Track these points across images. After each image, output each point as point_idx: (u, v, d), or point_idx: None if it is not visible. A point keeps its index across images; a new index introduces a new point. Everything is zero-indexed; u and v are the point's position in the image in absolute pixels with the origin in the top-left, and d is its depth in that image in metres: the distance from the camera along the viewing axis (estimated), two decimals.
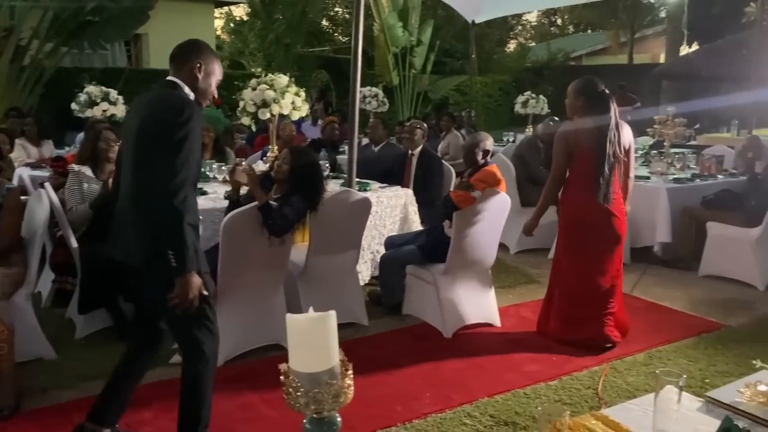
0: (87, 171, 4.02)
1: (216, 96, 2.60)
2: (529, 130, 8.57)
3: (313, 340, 0.97)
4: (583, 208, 3.81)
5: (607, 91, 3.77)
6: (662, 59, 19.65)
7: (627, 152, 3.80)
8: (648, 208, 5.62)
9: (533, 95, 9.90)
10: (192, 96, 2.48)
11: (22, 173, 5.67)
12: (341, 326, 3.62)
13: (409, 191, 4.93)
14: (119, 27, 9.87)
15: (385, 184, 5.03)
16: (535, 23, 29.88)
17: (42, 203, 3.61)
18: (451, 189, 4.71)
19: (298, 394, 0.97)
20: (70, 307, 3.98)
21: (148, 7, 10.05)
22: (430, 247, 4.13)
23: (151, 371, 3.41)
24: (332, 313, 0.99)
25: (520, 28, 28.94)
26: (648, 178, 6.01)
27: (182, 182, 2.29)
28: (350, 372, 1.02)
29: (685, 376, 1.54)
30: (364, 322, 4.13)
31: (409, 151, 5.52)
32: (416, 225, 4.85)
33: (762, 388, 1.74)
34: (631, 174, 3.94)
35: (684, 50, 14.92)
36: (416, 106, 13.01)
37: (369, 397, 3.18)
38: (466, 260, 4.02)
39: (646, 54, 23.25)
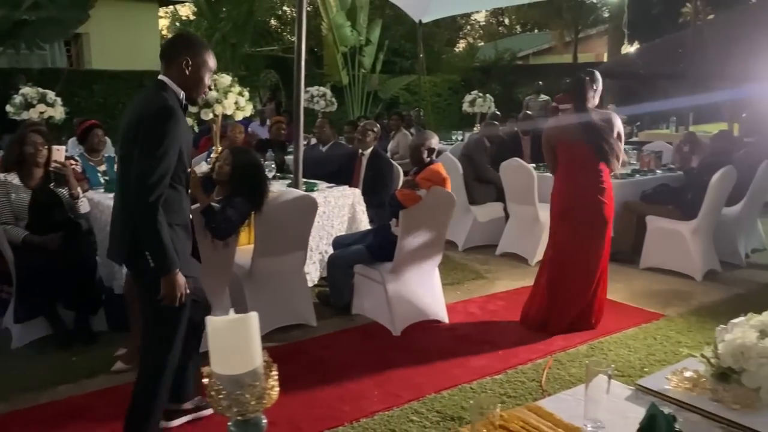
0: (14, 179, 3.81)
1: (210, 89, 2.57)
2: (477, 129, 8.68)
3: (233, 343, 0.97)
4: (571, 196, 4.01)
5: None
6: (606, 58, 20.19)
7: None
8: None
9: (480, 94, 10.04)
10: (182, 94, 2.49)
11: None
12: (290, 327, 3.61)
13: (357, 191, 4.93)
14: (58, 26, 9.53)
15: (332, 184, 5.02)
16: (484, 23, 30.29)
17: None
18: (398, 188, 4.73)
19: (220, 396, 0.96)
20: (6, 317, 3.84)
21: (88, 6, 9.76)
22: (378, 246, 4.15)
23: (91, 380, 3.35)
24: (253, 315, 0.99)
25: (469, 27, 29.30)
26: None
27: (156, 182, 2.30)
28: (274, 373, 1.02)
29: (613, 365, 1.59)
30: (312, 323, 4.11)
31: (360, 151, 5.53)
32: (364, 225, 4.85)
33: (688, 374, 1.81)
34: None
35: (625, 49, 15.38)
36: (366, 106, 13.03)
37: (317, 398, 3.17)
38: (413, 258, 4.05)
39: (591, 53, 23.84)
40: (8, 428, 2.89)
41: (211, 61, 2.57)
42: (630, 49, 14.93)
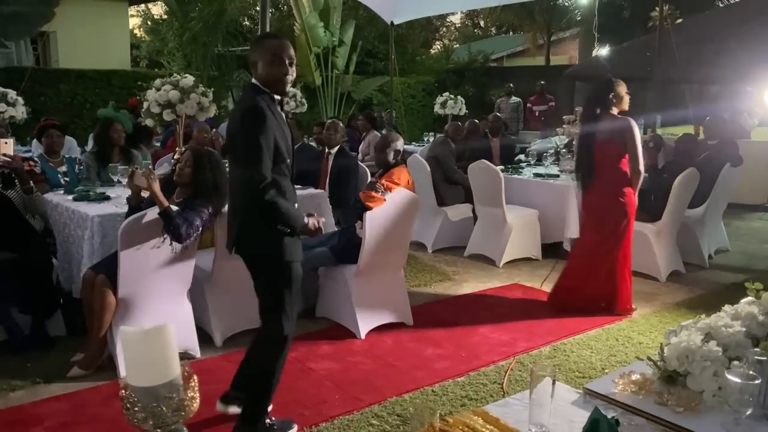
0: None
1: (293, 77, 2.70)
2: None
3: (149, 354, 0.94)
4: (597, 193, 4.43)
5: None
6: (578, 61, 20.41)
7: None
8: (558, 205, 5.82)
9: (451, 96, 10.06)
10: (267, 90, 2.66)
11: None
12: (252, 331, 3.52)
13: (324, 192, 4.90)
14: (22, 24, 9.36)
15: (299, 186, 4.97)
16: (459, 25, 30.43)
17: None
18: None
19: (136, 409, 0.93)
20: None
21: (55, 4, 9.58)
22: (342, 248, 4.12)
23: (46, 386, 3.28)
24: (169, 327, 0.96)
25: (444, 29, 29.39)
26: (557, 176, 6.21)
27: (262, 180, 2.53)
28: (194, 384, 0.99)
29: (557, 371, 1.59)
30: None
31: (326, 150, 5.49)
32: (331, 226, 4.82)
33: (635, 377, 1.82)
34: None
35: (596, 52, 15.54)
36: (340, 107, 12.98)
37: (277, 403, 3.12)
38: (378, 260, 4.03)
39: (564, 56, 24.10)
40: None
41: (277, 51, 2.64)
42: (600, 52, 15.11)
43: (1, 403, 3.10)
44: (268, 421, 2.81)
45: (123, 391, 0.95)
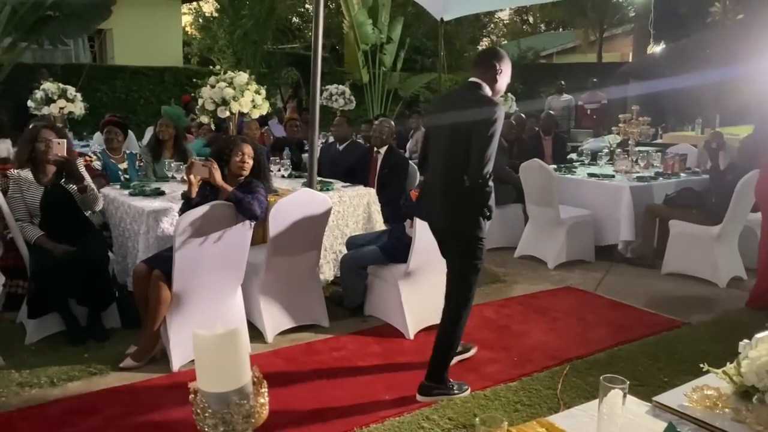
0: (27, 175, 3.81)
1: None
2: None
3: (221, 358, 0.91)
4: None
5: None
6: (631, 58, 19.88)
7: None
8: (612, 207, 5.67)
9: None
10: (490, 93, 3.05)
11: None
12: (302, 328, 3.57)
13: (372, 190, 4.88)
14: (81, 22, 9.57)
15: (348, 184, 4.97)
16: (508, 21, 30.03)
17: None
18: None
19: (206, 414, 0.91)
20: (21, 312, 3.85)
21: (111, 2, 9.81)
22: (392, 247, 4.09)
23: (102, 377, 3.34)
24: (242, 329, 0.94)
25: (492, 26, 29.06)
26: (613, 176, 6.05)
27: (490, 168, 2.92)
28: (264, 390, 0.97)
29: (628, 382, 1.52)
30: (324, 323, 4.07)
31: (375, 149, 5.47)
32: (379, 225, 4.80)
33: (708, 392, 1.72)
34: None
35: (651, 49, 15.11)
36: (386, 104, 12.94)
37: (327, 400, 3.13)
38: (428, 260, 3.97)
39: (616, 53, 23.49)
40: (20, 424, 2.88)
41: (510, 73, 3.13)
42: (656, 49, 14.66)
43: (61, 392, 3.17)
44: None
45: (193, 396, 0.93)
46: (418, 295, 4.01)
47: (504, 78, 3.08)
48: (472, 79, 3.08)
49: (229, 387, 0.91)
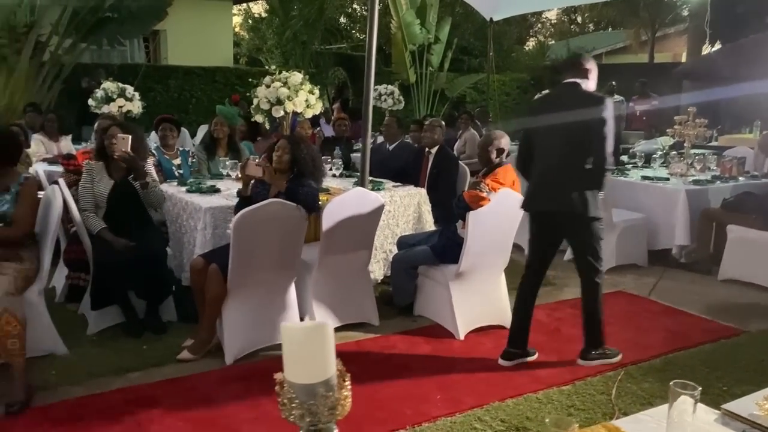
0: (101, 168, 3.99)
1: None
2: None
3: (308, 351, 0.94)
4: None
5: None
6: (684, 58, 19.36)
7: None
8: (667, 210, 5.54)
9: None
10: (592, 89, 3.49)
11: (39, 169, 5.70)
12: (352, 326, 3.60)
13: (423, 190, 4.88)
14: (137, 23, 9.90)
15: (398, 183, 4.99)
16: (555, 21, 29.62)
17: (55, 199, 3.62)
18: (465, 189, 4.66)
19: (293, 405, 0.94)
20: (83, 303, 3.99)
21: (167, 4, 10.09)
22: (443, 247, 4.08)
23: (160, 368, 3.44)
24: (329, 323, 0.96)
25: (539, 25, 28.71)
26: (667, 179, 5.91)
27: (611, 149, 3.32)
28: (348, 383, 0.99)
29: (700, 388, 1.49)
30: (374, 322, 4.10)
31: (426, 149, 5.47)
32: (430, 225, 4.80)
33: None
34: None
35: (706, 50, 14.69)
36: (433, 104, 12.93)
37: (378, 399, 3.15)
38: (479, 262, 3.97)
39: (667, 53, 22.93)
40: (82, 412, 2.99)
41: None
42: (711, 49, 14.25)
43: (121, 383, 3.27)
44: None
45: (279, 387, 0.96)
46: (468, 296, 4.00)
47: (593, 76, 3.48)
48: (568, 80, 3.48)
49: (315, 379, 0.93)
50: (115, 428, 2.87)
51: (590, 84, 3.49)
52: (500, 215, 3.89)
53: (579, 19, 29.66)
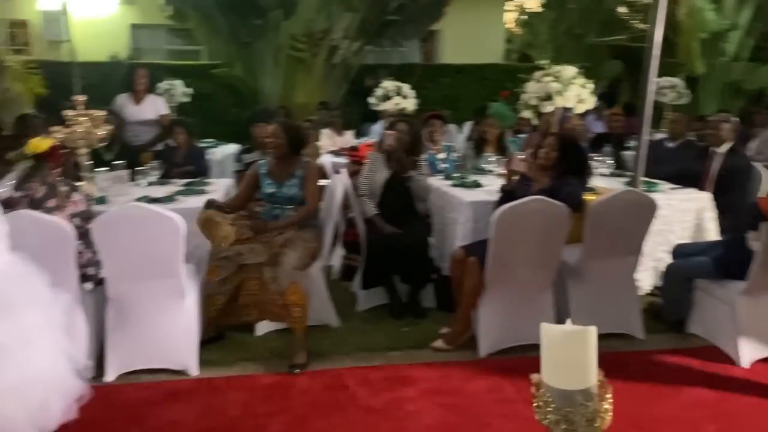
0: (381, 159, 4.30)
1: None
2: None
3: (568, 355, 0.88)
4: None
5: None
6: None
7: None
8: None
9: None
10: None
11: (325, 160, 6.38)
12: (612, 336, 3.39)
13: (707, 195, 4.36)
14: (417, 25, 10.49)
15: (677, 186, 4.52)
16: None
17: (338, 187, 4.02)
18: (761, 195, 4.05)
19: (549, 409, 0.89)
20: (355, 282, 4.37)
21: (444, 4, 10.50)
22: (728, 260, 3.59)
23: (417, 351, 3.61)
24: (592, 329, 0.89)
25: None
26: None
27: None
28: (609, 396, 0.91)
29: None
30: (639, 335, 3.78)
31: (711, 149, 4.87)
32: (712, 234, 4.27)
33: None
34: None
35: None
36: (723, 99, 11.45)
37: (641, 419, 2.90)
38: None
39: None
40: (348, 381, 3.28)
41: None
42: None
43: (382, 360, 3.52)
44: None
45: (535, 388, 0.92)
46: (758, 318, 3.46)
47: None
48: None
49: (574, 386, 0.87)
50: (375, 401, 3.09)
51: None
52: None
53: None
